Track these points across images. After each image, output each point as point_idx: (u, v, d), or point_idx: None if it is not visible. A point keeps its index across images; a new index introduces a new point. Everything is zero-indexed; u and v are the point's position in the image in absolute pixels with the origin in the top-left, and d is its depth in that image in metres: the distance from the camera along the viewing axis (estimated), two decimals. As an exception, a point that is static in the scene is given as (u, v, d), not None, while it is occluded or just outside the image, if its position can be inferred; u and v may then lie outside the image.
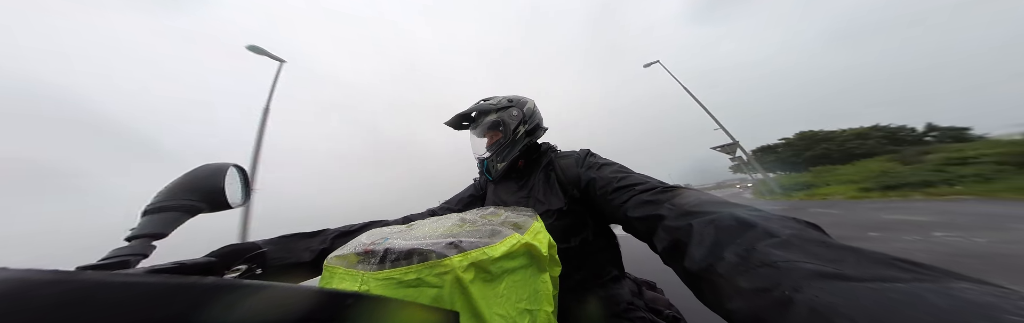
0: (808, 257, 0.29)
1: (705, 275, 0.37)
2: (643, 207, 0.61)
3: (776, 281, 0.28)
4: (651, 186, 0.66)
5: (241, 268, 0.58)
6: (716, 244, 0.39)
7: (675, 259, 0.45)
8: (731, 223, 0.40)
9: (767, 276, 0.29)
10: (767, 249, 0.33)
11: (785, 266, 0.29)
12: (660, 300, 0.93)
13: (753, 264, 0.32)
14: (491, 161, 1.06)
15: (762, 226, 0.37)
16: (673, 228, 0.48)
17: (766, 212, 0.42)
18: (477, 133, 1.12)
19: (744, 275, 0.32)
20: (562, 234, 0.80)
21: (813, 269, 0.27)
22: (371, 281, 0.42)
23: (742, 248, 0.35)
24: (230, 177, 0.59)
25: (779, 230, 0.35)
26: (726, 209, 0.45)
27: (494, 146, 1.05)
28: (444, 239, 0.48)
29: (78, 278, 0.17)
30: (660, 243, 0.51)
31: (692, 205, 0.51)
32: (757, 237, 0.36)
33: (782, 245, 0.33)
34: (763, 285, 0.29)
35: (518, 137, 1.04)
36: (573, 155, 1.00)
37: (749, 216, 0.41)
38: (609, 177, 0.79)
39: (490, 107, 1.08)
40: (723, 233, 0.39)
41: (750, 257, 0.33)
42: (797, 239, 0.33)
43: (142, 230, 0.46)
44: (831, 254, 0.29)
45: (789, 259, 0.30)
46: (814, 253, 0.30)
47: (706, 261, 0.38)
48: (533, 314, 0.50)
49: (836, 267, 0.26)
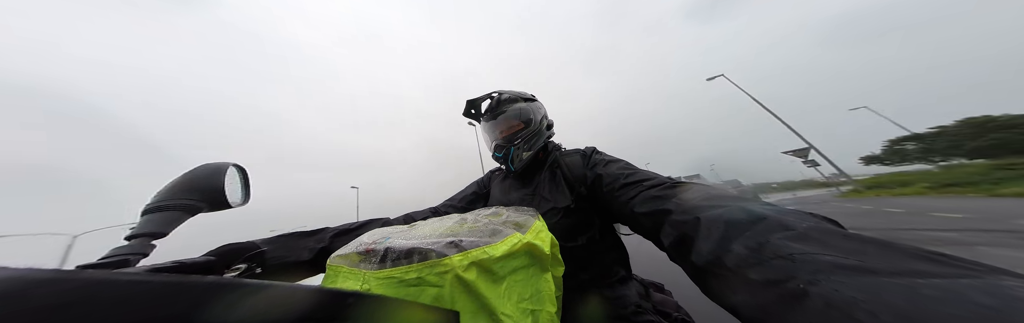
0: (827, 249, 0.27)
1: (712, 268, 0.36)
2: (650, 202, 0.60)
3: (791, 273, 0.26)
4: (659, 182, 0.66)
5: (241, 267, 0.58)
6: (725, 237, 0.37)
7: (682, 254, 0.44)
8: (741, 216, 0.39)
9: (781, 268, 0.27)
10: (782, 241, 0.31)
11: (802, 258, 0.27)
12: (668, 302, 0.91)
13: (766, 256, 0.30)
14: (517, 148, 1.00)
15: (775, 218, 0.36)
16: (680, 222, 0.47)
17: (779, 206, 0.40)
18: (496, 121, 1.07)
19: (755, 267, 0.30)
20: (569, 232, 0.80)
21: (832, 261, 0.25)
22: (372, 280, 0.42)
23: (753, 241, 0.33)
24: (230, 177, 0.59)
25: (795, 223, 0.33)
26: (736, 203, 0.43)
27: (521, 134, 1.02)
28: (444, 238, 0.48)
29: (78, 277, 0.17)
30: (667, 238, 0.49)
31: (700, 199, 0.49)
32: (770, 229, 0.34)
33: (799, 237, 0.30)
34: (775, 277, 0.27)
35: (542, 129, 1.05)
36: (578, 153, 1.00)
37: (761, 209, 0.39)
38: (616, 173, 0.78)
39: (517, 95, 1.07)
40: (733, 226, 0.38)
41: (762, 249, 0.31)
42: (816, 231, 0.31)
43: (142, 229, 0.46)
44: (854, 246, 0.27)
45: (806, 251, 0.28)
46: (834, 245, 0.28)
47: (714, 254, 0.36)
48: (536, 314, 0.50)
49: (859, 259, 0.24)
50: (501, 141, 1.05)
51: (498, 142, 1.05)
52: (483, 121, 1.12)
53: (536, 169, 1.05)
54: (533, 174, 1.04)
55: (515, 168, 1.02)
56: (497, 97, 1.07)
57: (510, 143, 1.02)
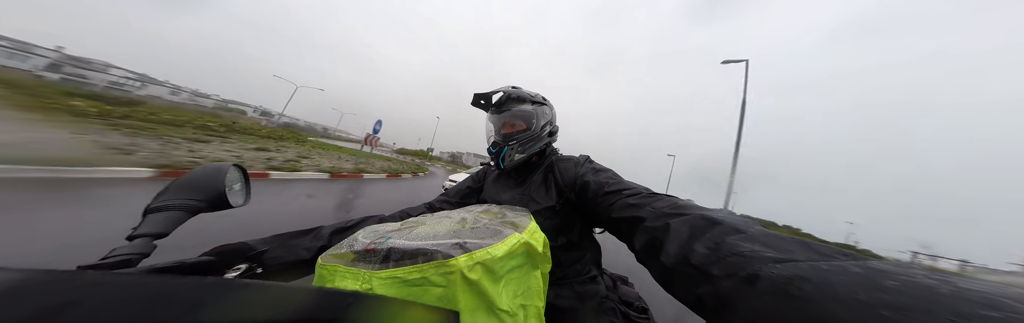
0: (766, 248, 0.37)
1: (679, 267, 0.43)
2: (627, 209, 0.67)
3: (742, 266, 0.35)
4: (637, 191, 0.74)
5: (241, 267, 0.58)
6: (689, 239, 0.45)
7: (652, 255, 0.50)
8: (702, 222, 0.47)
9: (735, 263, 0.36)
10: (735, 242, 0.40)
11: (750, 254, 0.36)
12: (631, 293, 1.04)
13: (723, 254, 0.38)
14: (511, 149, 1.04)
15: (728, 223, 0.45)
16: (652, 228, 0.55)
17: (729, 213, 0.51)
18: (500, 117, 1.08)
19: (716, 264, 0.38)
20: (551, 233, 0.84)
21: (771, 256, 0.35)
22: (374, 280, 0.42)
23: (712, 242, 0.42)
24: (231, 177, 0.59)
25: (743, 226, 0.43)
26: (697, 211, 0.53)
27: (518, 136, 1.04)
28: (449, 239, 0.48)
29: (78, 277, 0.17)
30: (638, 242, 0.56)
31: (669, 208, 0.58)
32: (725, 232, 0.43)
33: (748, 239, 0.40)
34: (731, 271, 0.35)
35: (543, 134, 1.07)
36: (572, 159, 1.04)
37: (716, 216, 0.48)
38: (602, 182, 0.85)
39: (527, 96, 1.08)
40: (696, 230, 0.46)
41: (719, 249, 0.40)
42: (759, 234, 0.41)
43: (143, 229, 0.46)
44: (783, 245, 0.37)
45: (754, 249, 0.37)
46: (771, 244, 0.38)
47: (681, 254, 0.44)
48: (526, 309, 0.52)
49: (787, 254, 0.35)
50: (498, 138, 1.07)
51: (495, 138, 1.09)
52: (490, 113, 1.13)
53: (530, 171, 1.08)
54: (527, 175, 1.07)
55: (504, 166, 1.06)
56: (507, 93, 1.07)
57: (506, 142, 1.04)
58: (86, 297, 0.16)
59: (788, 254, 0.35)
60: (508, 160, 1.04)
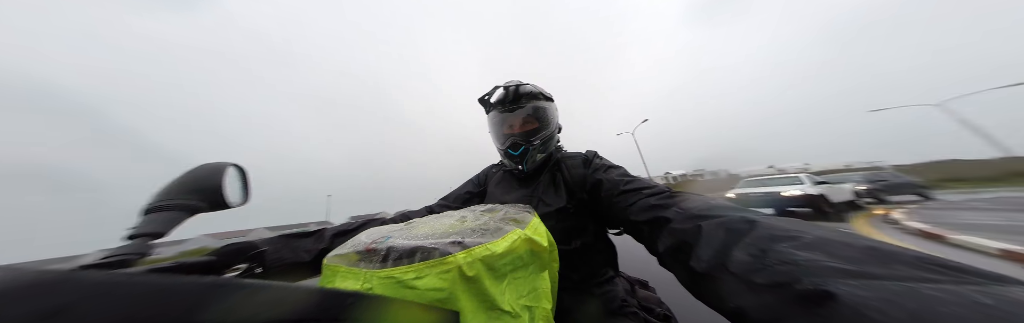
0: (829, 257, 0.29)
1: (713, 273, 0.37)
2: (650, 210, 0.62)
3: (796, 277, 0.28)
4: (658, 190, 0.68)
5: (241, 267, 0.58)
6: (726, 244, 0.39)
7: (678, 260, 0.46)
8: (742, 225, 0.41)
9: (786, 273, 0.29)
10: (785, 248, 0.33)
11: (806, 264, 0.29)
12: (652, 298, 0.96)
13: (770, 262, 0.32)
14: (533, 149, 0.96)
15: (776, 226, 0.38)
16: (680, 230, 0.49)
17: (773, 215, 0.43)
18: (512, 114, 0.99)
19: (760, 272, 0.32)
20: (564, 236, 0.80)
21: (836, 267, 0.27)
22: (374, 279, 0.42)
23: (756, 248, 0.35)
24: (229, 176, 0.59)
25: (796, 231, 0.35)
26: (735, 213, 0.45)
27: (540, 135, 0.98)
28: (447, 237, 0.48)
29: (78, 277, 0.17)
30: (663, 245, 0.51)
31: (700, 209, 0.51)
32: (772, 238, 0.36)
33: (802, 245, 0.32)
34: (782, 280, 0.29)
35: (555, 132, 1.03)
36: (579, 156, 0.99)
37: (759, 218, 0.41)
38: (616, 180, 0.79)
39: (538, 92, 1.01)
40: (734, 234, 0.40)
41: (765, 256, 0.33)
42: (817, 240, 0.33)
43: (142, 229, 0.46)
44: (853, 254, 0.28)
45: (810, 258, 0.29)
46: (835, 253, 0.29)
47: (716, 260, 0.38)
48: (532, 311, 0.51)
49: (859, 266, 0.26)
50: (519, 137, 0.97)
51: (515, 139, 0.97)
52: (496, 111, 1.03)
53: (538, 170, 1.02)
54: (534, 175, 1.02)
55: (526, 169, 0.98)
56: (515, 88, 0.99)
57: (528, 142, 0.95)
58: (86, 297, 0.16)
59: (860, 265, 0.26)
60: (531, 161, 0.97)
